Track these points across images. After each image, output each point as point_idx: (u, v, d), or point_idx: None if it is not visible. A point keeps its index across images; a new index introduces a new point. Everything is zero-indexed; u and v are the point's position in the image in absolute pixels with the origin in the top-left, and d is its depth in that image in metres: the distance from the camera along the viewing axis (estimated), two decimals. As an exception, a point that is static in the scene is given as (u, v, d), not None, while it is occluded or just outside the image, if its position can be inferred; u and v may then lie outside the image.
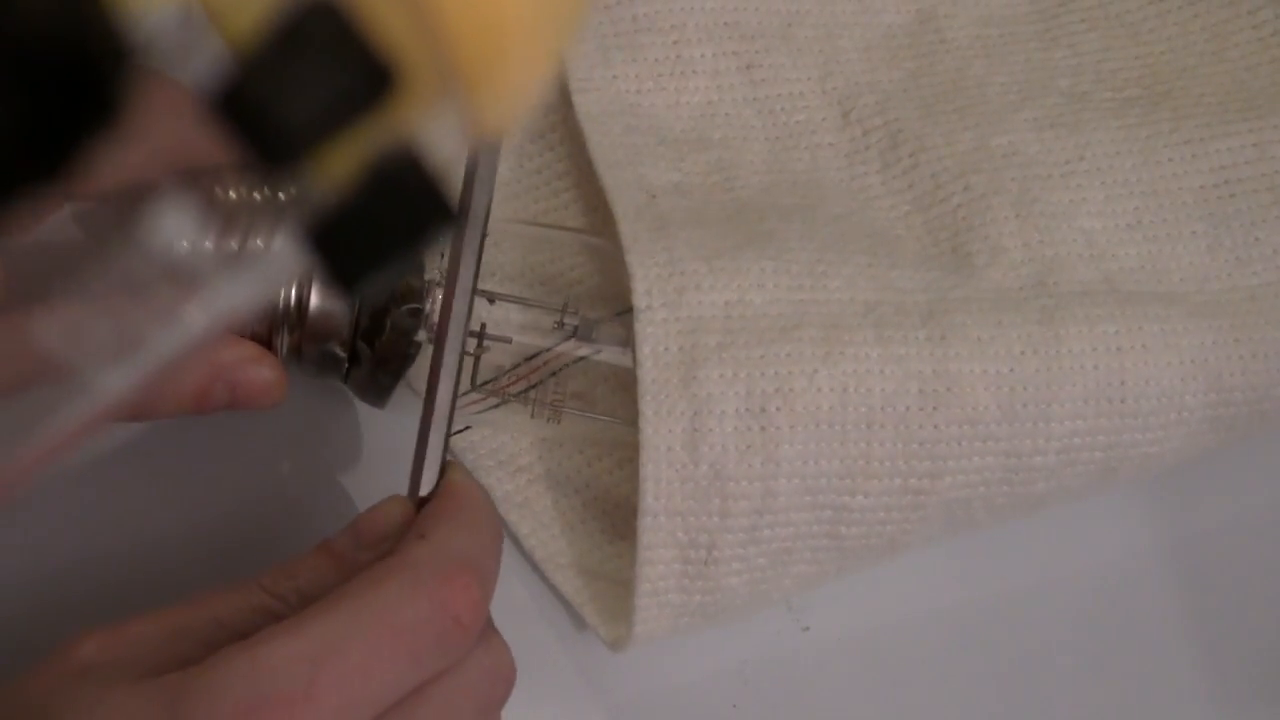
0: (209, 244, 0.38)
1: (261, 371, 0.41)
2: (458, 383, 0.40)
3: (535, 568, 0.46)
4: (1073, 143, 0.46)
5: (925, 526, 0.42)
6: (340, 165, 0.23)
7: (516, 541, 0.46)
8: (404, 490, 0.39)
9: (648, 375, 0.40)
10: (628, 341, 0.42)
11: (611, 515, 0.46)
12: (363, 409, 0.47)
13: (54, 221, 0.36)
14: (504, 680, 0.38)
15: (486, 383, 0.45)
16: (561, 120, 0.48)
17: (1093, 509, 0.47)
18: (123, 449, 0.45)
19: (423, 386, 0.44)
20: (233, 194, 0.41)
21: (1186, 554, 0.48)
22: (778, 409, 0.40)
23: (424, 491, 0.39)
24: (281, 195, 0.41)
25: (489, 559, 0.38)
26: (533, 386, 0.45)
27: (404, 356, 0.42)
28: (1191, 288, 0.44)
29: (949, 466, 0.41)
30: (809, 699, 0.46)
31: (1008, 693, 0.47)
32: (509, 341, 0.43)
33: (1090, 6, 0.49)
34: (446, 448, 0.39)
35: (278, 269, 0.26)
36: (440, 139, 0.24)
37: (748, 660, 0.46)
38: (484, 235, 0.40)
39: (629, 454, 0.45)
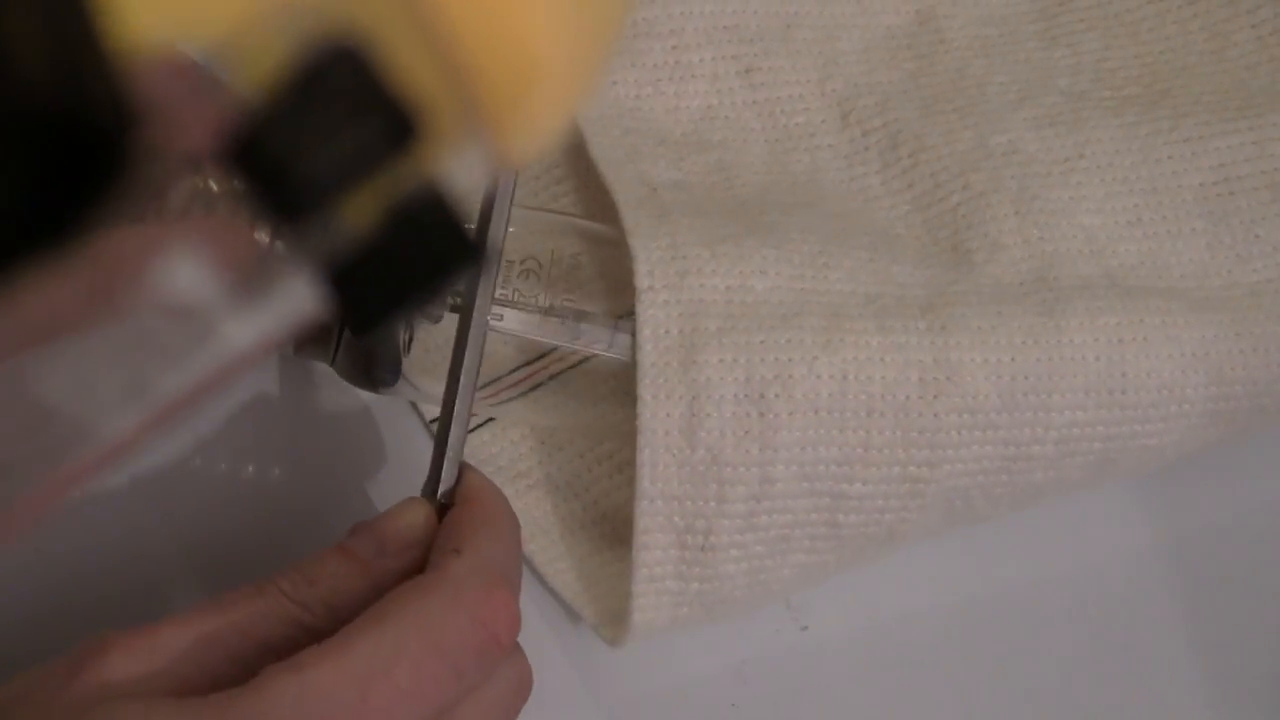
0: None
1: None
2: (475, 381, 0.39)
3: (534, 571, 0.45)
4: (1072, 141, 0.46)
5: (924, 516, 0.42)
6: (360, 208, 0.22)
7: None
8: (397, 485, 0.39)
9: (647, 358, 0.40)
10: (616, 342, 0.43)
11: (611, 519, 0.46)
12: (353, 405, 0.47)
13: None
14: (525, 691, 0.38)
15: (490, 383, 0.45)
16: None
17: (1091, 507, 0.47)
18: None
19: (417, 378, 0.44)
20: (214, 185, 0.41)
21: (1186, 552, 0.48)
22: (776, 395, 0.40)
23: (441, 489, 0.39)
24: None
25: (517, 569, 0.38)
26: (536, 387, 0.44)
27: (389, 341, 0.41)
28: (1192, 284, 0.44)
29: (948, 455, 0.41)
30: (807, 698, 0.46)
31: (1006, 692, 0.46)
32: (500, 318, 0.43)
33: (1089, 6, 0.50)
34: (459, 452, 0.39)
35: (292, 310, 0.25)
36: (462, 173, 0.23)
37: (746, 659, 0.46)
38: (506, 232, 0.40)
39: (628, 457, 0.45)
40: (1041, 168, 0.45)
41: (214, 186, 0.38)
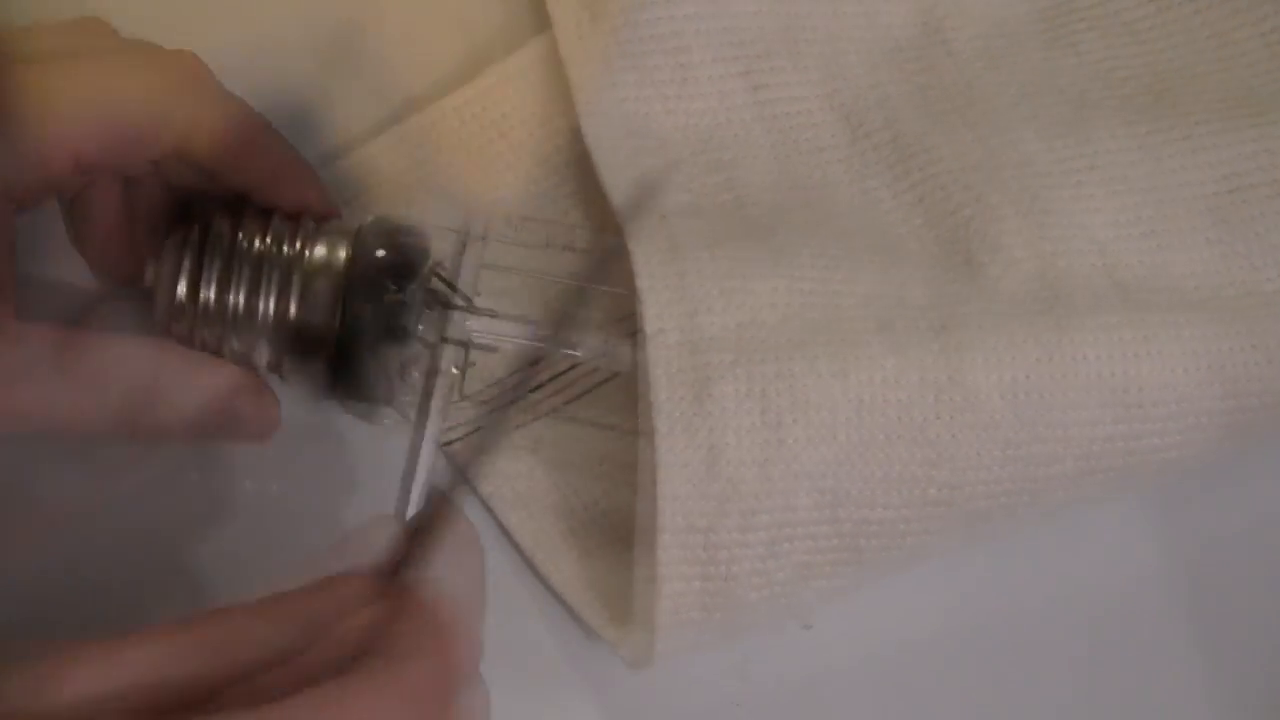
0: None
1: (261, 405, 0.41)
2: (445, 411, 0.40)
3: (536, 573, 0.45)
4: (1082, 152, 0.46)
5: (945, 538, 0.42)
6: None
7: (533, 567, 0.46)
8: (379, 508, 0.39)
9: (661, 394, 0.40)
10: (612, 354, 0.43)
11: (626, 539, 0.46)
12: (354, 420, 0.47)
13: None
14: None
15: (488, 386, 0.45)
16: (568, 143, 0.48)
17: (1101, 517, 0.47)
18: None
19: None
20: (242, 237, 0.41)
21: (1195, 564, 0.47)
22: (794, 422, 0.40)
23: (410, 512, 0.39)
24: (288, 250, 0.41)
25: (480, 599, 0.38)
26: (534, 389, 0.45)
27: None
28: (1205, 294, 0.44)
29: (968, 477, 0.41)
30: (811, 697, 0.46)
31: (1010, 693, 0.46)
32: (494, 350, 0.43)
33: (1093, 9, 0.49)
34: (431, 473, 0.40)
35: None
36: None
37: (749, 658, 0.46)
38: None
39: (630, 459, 0.45)
40: (1052, 180, 0.45)
41: None
